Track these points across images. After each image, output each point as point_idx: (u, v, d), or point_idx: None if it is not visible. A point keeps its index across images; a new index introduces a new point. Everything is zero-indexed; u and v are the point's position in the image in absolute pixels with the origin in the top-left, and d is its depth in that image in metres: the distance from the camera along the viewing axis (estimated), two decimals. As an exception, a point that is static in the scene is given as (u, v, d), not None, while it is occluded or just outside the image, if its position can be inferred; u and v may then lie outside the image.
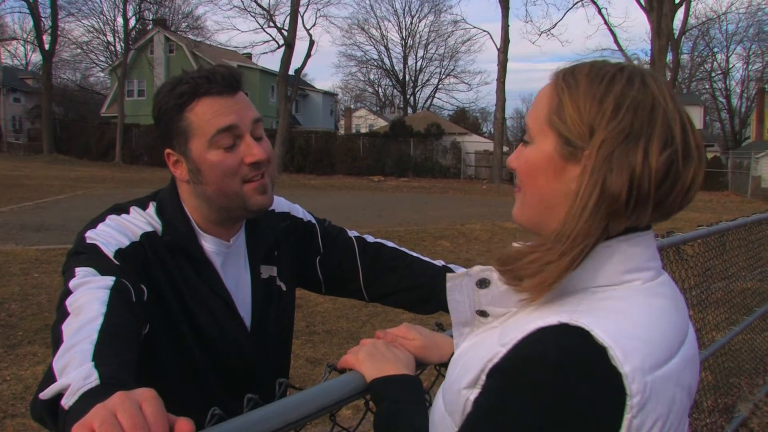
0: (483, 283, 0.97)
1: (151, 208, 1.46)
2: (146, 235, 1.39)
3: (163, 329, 1.38)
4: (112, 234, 1.34)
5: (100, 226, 1.36)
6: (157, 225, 1.43)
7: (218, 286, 1.46)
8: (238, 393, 1.22)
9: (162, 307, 1.38)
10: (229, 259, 1.50)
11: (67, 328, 1.05)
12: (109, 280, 1.18)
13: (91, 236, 1.32)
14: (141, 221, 1.42)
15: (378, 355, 1.20)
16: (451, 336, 1.34)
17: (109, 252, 1.29)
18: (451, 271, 1.67)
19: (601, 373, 0.79)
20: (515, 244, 1.00)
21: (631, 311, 0.87)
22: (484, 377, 0.87)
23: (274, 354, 1.60)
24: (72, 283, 1.17)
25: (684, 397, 0.90)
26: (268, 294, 1.57)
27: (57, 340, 1.04)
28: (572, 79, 0.92)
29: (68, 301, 1.13)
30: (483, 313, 0.98)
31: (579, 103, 0.90)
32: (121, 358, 1.00)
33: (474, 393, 0.89)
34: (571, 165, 0.91)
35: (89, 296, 1.12)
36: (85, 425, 0.73)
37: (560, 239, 0.87)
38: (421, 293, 1.66)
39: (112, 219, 1.39)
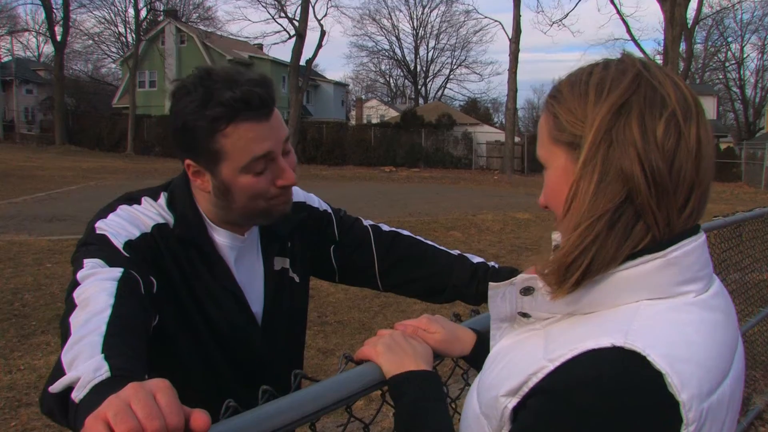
0: (527, 291, 0.94)
1: (162, 199, 1.44)
2: (158, 227, 1.38)
3: (176, 321, 1.37)
4: (123, 225, 1.33)
5: (111, 216, 1.34)
6: (169, 217, 1.41)
7: (228, 281, 1.45)
8: (252, 384, 1.21)
9: (174, 298, 1.37)
10: (243, 252, 1.49)
11: (75, 320, 1.03)
12: (117, 272, 1.16)
13: (101, 227, 1.31)
14: (152, 212, 1.40)
15: (396, 347, 1.18)
16: (471, 329, 1.32)
17: (119, 243, 1.27)
18: (466, 259, 1.67)
19: (657, 401, 0.76)
20: (554, 236, 0.98)
21: (685, 330, 0.83)
22: (526, 389, 0.84)
23: (287, 345, 1.60)
24: (80, 275, 1.15)
25: (733, 415, 0.87)
26: (281, 286, 1.56)
27: (65, 333, 1.02)
28: (557, 93, 0.94)
29: (75, 293, 1.11)
30: (525, 315, 0.95)
31: (569, 107, 0.90)
32: (131, 350, 0.99)
33: (513, 402, 0.86)
34: None
35: (97, 287, 1.10)
36: (99, 416, 0.72)
37: (570, 219, 0.87)
38: (436, 282, 1.64)
39: (123, 209, 1.37)
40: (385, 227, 1.71)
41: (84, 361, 0.91)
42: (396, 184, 25.47)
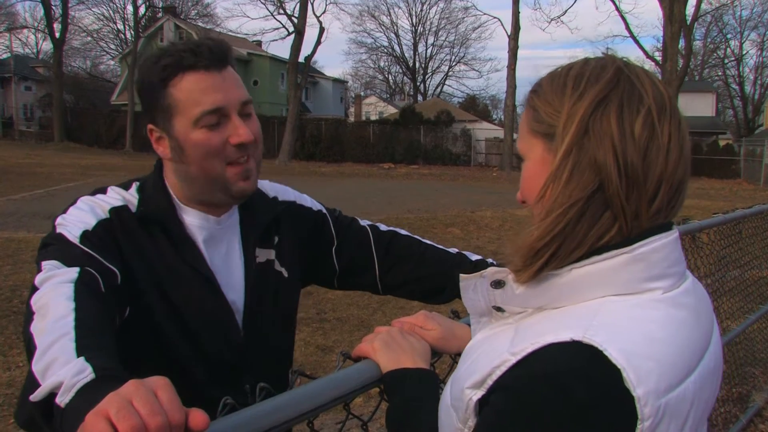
0: (498, 284, 0.95)
1: (134, 187, 1.41)
2: (115, 210, 1.33)
3: (140, 311, 1.30)
4: (80, 216, 1.29)
5: (70, 210, 1.32)
6: (133, 200, 1.37)
7: (197, 261, 1.37)
8: (229, 387, 1.17)
9: (135, 284, 1.30)
10: (217, 237, 1.42)
11: (37, 329, 0.99)
12: (74, 273, 1.12)
13: (60, 222, 1.28)
14: (114, 198, 1.36)
15: (393, 344, 1.17)
16: (469, 324, 1.32)
17: (75, 237, 1.23)
18: (466, 257, 1.65)
19: (612, 396, 0.76)
20: None
21: (648, 326, 0.83)
22: (490, 382, 0.84)
23: (271, 344, 1.50)
24: (38, 279, 1.13)
25: (698, 413, 0.87)
26: (264, 278, 1.48)
27: (29, 344, 0.98)
28: (538, 87, 0.96)
29: (33, 300, 1.07)
30: (499, 309, 0.96)
31: (548, 99, 0.92)
32: (106, 350, 0.96)
33: (477, 394, 0.86)
34: None
35: (53, 292, 1.07)
36: (101, 413, 0.71)
37: (542, 205, 0.88)
38: (435, 282, 1.62)
39: (83, 201, 1.35)
40: (383, 227, 1.68)
41: (61, 366, 0.88)
42: (395, 181, 25.47)
